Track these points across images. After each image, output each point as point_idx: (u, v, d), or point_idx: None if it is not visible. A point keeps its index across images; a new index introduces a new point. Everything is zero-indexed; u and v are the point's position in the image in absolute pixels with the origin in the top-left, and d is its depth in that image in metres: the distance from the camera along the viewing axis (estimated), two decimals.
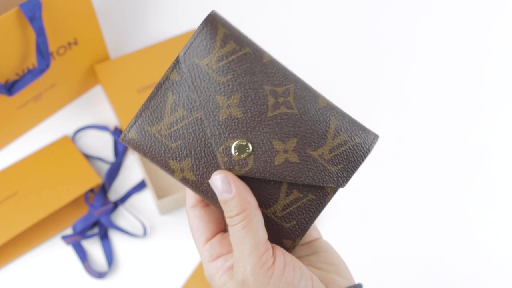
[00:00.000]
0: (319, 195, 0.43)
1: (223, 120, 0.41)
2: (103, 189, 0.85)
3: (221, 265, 0.42)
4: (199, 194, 0.43)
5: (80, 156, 0.86)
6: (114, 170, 0.87)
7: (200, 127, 0.42)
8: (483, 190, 0.89)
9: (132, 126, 0.42)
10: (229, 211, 0.40)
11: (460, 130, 0.94)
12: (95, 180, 0.83)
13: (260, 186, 0.42)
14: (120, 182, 0.88)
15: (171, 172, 0.43)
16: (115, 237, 0.84)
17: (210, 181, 0.41)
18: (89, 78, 0.92)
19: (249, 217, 0.40)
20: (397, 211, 0.87)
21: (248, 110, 0.41)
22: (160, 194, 0.83)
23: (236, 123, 0.41)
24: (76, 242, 0.82)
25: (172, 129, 0.42)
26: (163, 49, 0.91)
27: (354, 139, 0.42)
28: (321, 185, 0.42)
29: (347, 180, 0.42)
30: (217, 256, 0.43)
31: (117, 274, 0.82)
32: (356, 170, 0.42)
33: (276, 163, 0.41)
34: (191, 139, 0.42)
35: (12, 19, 0.72)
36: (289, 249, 0.44)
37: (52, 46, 0.81)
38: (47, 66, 0.78)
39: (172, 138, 0.42)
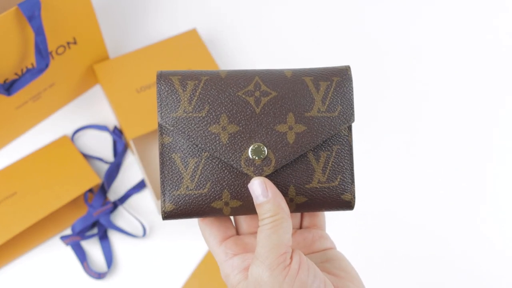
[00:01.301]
0: (341, 141, 0.46)
1: (227, 142, 0.44)
2: (103, 189, 0.85)
3: (237, 265, 0.44)
4: (248, 213, 0.45)
5: (79, 156, 0.85)
6: (114, 170, 0.87)
7: (215, 161, 0.44)
8: (487, 187, 0.89)
9: (164, 201, 0.45)
10: (263, 213, 0.42)
11: (460, 128, 0.94)
12: (94, 180, 0.83)
13: (293, 170, 0.45)
14: (119, 182, 0.88)
15: (219, 212, 0.45)
16: (115, 238, 0.83)
17: (249, 185, 0.43)
18: (89, 78, 0.92)
19: (280, 220, 0.42)
20: (398, 211, 0.87)
21: (241, 120, 0.44)
22: (160, 194, 0.83)
23: (239, 136, 0.44)
24: (75, 242, 0.81)
25: (195, 180, 0.44)
26: (163, 49, 0.91)
27: (333, 79, 0.46)
28: (335, 132, 0.45)
29: (352, 114, 0.45)
30: (234, 255, 0.45)
31: (116, 274, 0.81)
32: (352, 101, 0.45)
33: (291, 142, 0.44)
34: (215, 175, 0.44)
35: (11, 18, 0.72)
36: (351, 202, 0.46)
37: (51, 46, 0.80)
38: (46, 65, 0.78)
39: (201, 185, 0.44)
